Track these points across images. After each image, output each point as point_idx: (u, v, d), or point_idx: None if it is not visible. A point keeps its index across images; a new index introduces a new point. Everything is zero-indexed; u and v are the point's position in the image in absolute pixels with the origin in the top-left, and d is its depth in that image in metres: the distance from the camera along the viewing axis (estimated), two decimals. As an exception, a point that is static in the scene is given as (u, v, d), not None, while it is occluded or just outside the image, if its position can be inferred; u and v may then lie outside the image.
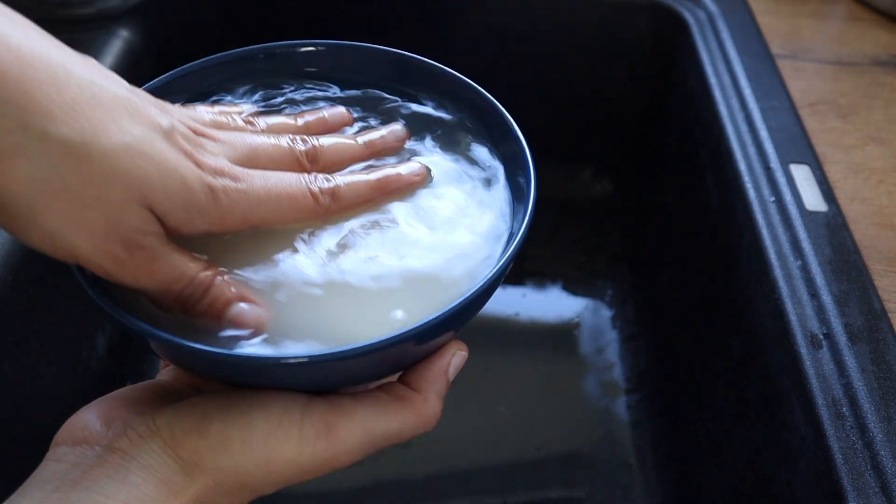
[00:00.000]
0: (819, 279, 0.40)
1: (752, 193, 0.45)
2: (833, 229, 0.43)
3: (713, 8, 0.60)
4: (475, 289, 0.25)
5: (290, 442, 0.25)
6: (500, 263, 0.27)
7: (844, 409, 0.35)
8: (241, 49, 0.33)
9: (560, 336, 0.63)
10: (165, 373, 0.30)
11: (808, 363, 0.36)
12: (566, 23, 0.63)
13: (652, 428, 0.57)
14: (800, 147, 0.48)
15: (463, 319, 0.27)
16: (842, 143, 0.49)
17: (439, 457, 0.55)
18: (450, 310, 0.25)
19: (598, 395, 0.59)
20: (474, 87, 0.34)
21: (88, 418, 0.26)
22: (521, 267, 0.68)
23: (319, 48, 0.34)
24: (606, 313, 0.65)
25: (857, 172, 0.47)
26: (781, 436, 0.38)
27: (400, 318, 0.26)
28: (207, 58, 0.33)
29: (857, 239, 0.42)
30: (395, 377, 0.28)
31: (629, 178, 0.71)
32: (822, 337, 0.37)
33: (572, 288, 0.66)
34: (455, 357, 0.28)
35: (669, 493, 0.53)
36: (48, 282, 0.45)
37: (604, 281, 0.67)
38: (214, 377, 0.27)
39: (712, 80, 0.54)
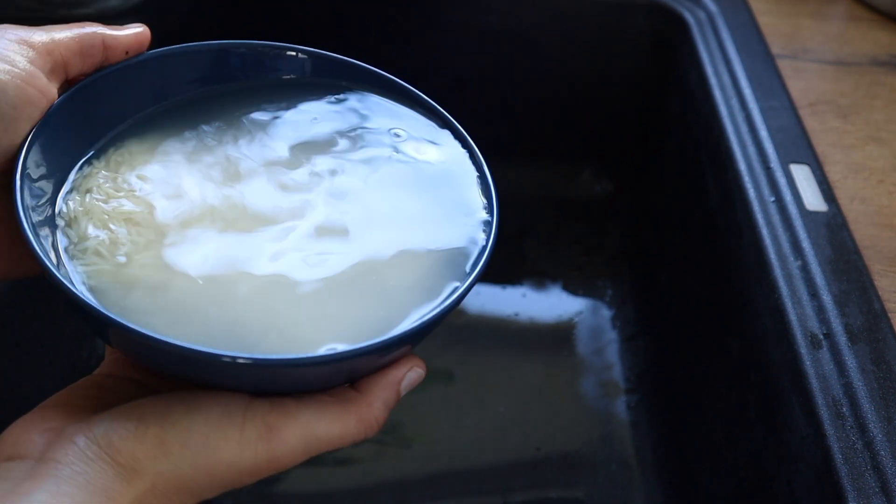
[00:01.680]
0: (819, 279, 0.40)
1: (752, 193, 0.45)
2: (833, 229, 0.43)
3: (713, 8, 0.60)
4: (438, 311, 0.25)
5: (231, 444, 0.24)
6: (466, 283, 0.27)
7: (844, 409, 0.35)
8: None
9: (560, 336, 0.63)
10: (107, 365, 0.29)
11: (808, 363, 0.36)
12: (566, 23, 0.63)
13: (652, 428, 0.57)
14: (800, 147, 0.48)
15: (421, 337, 0.27)
16: (842, 143, 0.49)
17: (439, 457, 0.55)
18: (409, 330, 0.25)
19: (597, 395, 0.59)
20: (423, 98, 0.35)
21: (21, 431, 0.25)
22: (521, 267, 0.68)
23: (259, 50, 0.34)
24: (606, 313, 0.65)
25: (857, 172, 0.47)
26: (781, 436, 0.38)
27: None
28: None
29: (857, 239, 0.42)
30: None
31: (629, 178, 0.71)
32: (822, 337, 0.37)
33: (572, 288, 0.66)
34: (411, 372, 0.27)
35: (669, 493, 0.53)
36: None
37: (604, 281, 0.67)
38: (156, 367, 0.27)
39: (712, 80, 0.54)
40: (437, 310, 0.26)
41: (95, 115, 0.31)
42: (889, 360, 0.36)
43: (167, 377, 0.28)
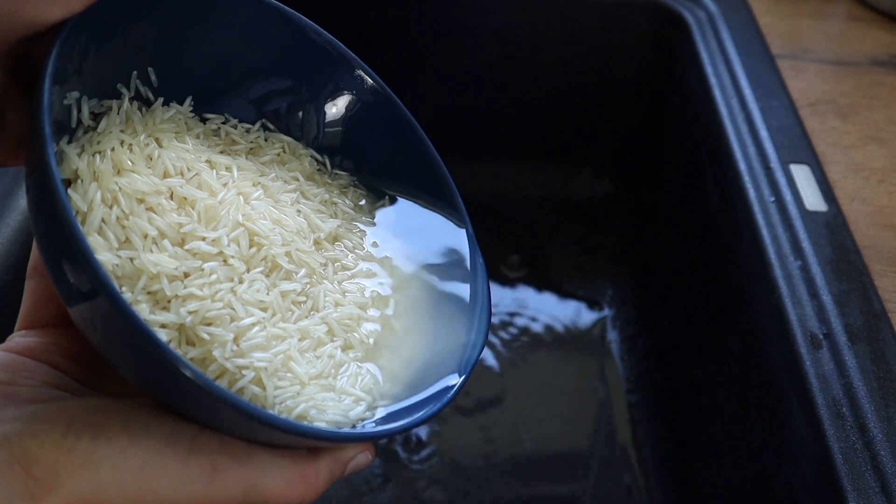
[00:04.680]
0: (819, 279, 0.40)
1: (752, 193, 0.45)
2: (833, 229, 0.43)
3: (713, 8, 0.60)
4: (413, 419, 0.25)
5: (169, 477, 0.21)
6: (448, 396, 0.26)
7: (844, 409, 0.35)
8: None
9: (560, 336, 0.63)
10: (20, 338, 0.26)
11: (808, 363, 0.36)
12: (566, 23, 0.63)
13: (652, 428, 0.57)
14: (800, 147, 0.48)
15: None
16: (842, 143, 0.49)
17: (439, 457, 0.55)
18: (379, 432, 0.24)
19: (597, 395, 0.59)
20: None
21: None
22: (521, 267, 0.68)
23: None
24: (606, 313, 0.65)
25: (857, 172, 0.47)
26: (781, 436, 0.38)
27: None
28: None
29: (857, 239, 0.42)
30: None
31: (629, 178, 0.71)
32: (822, 337, 0.37)
33: (572, 288, 0.66)
34: (361, 455, 0.25)
35: (669, 493, 0.53)
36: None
37: (604, 281, 0.67)
38: (112, 354, 0.22)
39: (712, 80, 0.54)
40: (409, 421, 0.25)
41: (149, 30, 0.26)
42: (889, 360, 0.36)
43: (107, 370, 0.25)
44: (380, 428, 0.25)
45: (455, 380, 0.26)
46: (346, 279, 0.28)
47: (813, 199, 0.45)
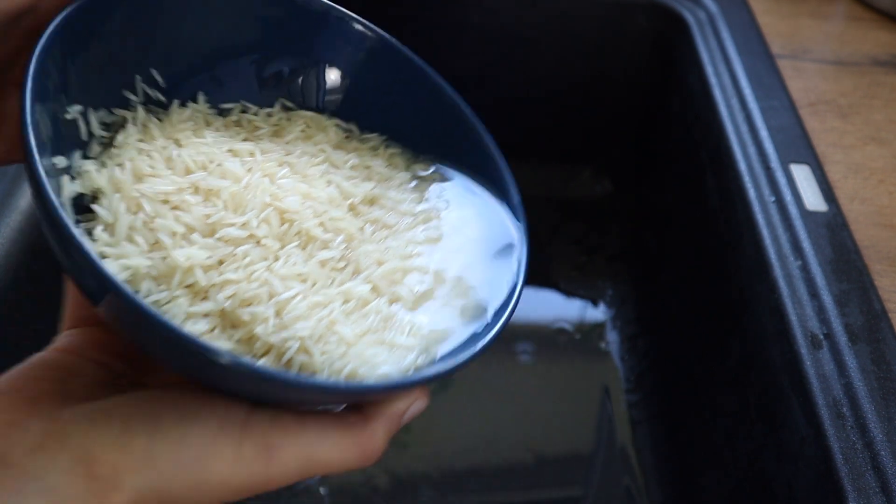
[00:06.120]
0: (819, 279, 0.40)
1: (752, 193, 0.45)
2: (833, 229, 0.43)
3: (713, 8, 0.60)
4: (457, 363, 0.24)
5: (226, 461, 0.21)
6: (491, 335, 0.26)
7: (844, 409, 0.35)
8: None
9: (560, 336, 0.63)
10: (66, 340, 0.26)
11: (808, 363, 0.36)
12: (566, 23, 0.63)
13: (652, 428, 0.57)
14: (800, 147, 0.48)
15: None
16: (842, 143, 0.49)
17: (438, 457, 0.55)
18: (421, 378, 0.24)
19: (598, 395, 0.59)
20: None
21: None
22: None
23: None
24: (606, 313, 0.65)
25: (857, 172, 0.47)
26: (781, 436, 0.38)
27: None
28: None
29: (857, 239, 0.42)
30: None
31: (629, 178, 0.71)
32: (822, 337, 0.37)
33: (572, 288, 0.66)
34: (416, 403, 0.25)
35: (669, 493, 0.53)
36: (48, 282, 0.45)
37: (604, 281, 0.67)
38: (152, 353, 0.23)
39: (712, 80, 0.54)
40: (452, 365, 0.24)
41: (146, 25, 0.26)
42: (889, 360, 0.36)
43: (154, 363, 0.26)
44: (432, 370, 0.24)
45: (501, 312, 0.27)
46: (389, 236, 0.29)
47: (813, 199, 0.45)
